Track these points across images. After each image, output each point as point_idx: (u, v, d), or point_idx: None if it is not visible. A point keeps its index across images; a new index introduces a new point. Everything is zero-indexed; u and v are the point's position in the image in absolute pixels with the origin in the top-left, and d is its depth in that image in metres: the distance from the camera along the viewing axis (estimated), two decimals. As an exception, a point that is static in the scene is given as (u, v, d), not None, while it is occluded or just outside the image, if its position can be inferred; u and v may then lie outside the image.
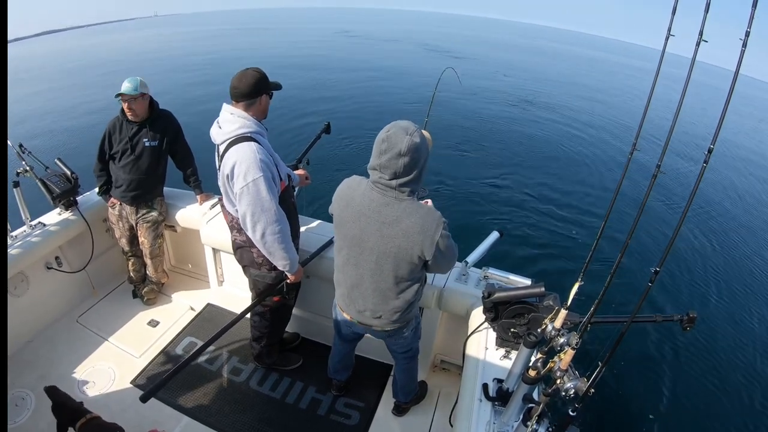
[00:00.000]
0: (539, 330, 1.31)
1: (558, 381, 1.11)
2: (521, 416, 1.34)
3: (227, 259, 2.70)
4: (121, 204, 2.61)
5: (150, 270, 2.80)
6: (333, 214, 1.59)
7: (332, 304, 1.88)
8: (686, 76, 1.14)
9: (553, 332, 1.24)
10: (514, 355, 1.66)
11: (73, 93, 13.61)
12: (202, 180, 2.79)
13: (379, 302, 1.62)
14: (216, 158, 1.88)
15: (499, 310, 1.63)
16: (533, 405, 1.26)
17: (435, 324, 2.33)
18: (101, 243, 2.78)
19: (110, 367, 2.36)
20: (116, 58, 23.29)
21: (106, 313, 2.73)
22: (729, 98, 0.92)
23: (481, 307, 1.79)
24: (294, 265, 1.93)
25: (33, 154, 2.41)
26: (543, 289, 1.54)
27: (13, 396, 2.12)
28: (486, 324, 1.78)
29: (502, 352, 1.75)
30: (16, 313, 2.35)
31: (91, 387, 2.24)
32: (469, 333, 1.90)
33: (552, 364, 1.15)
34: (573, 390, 1.08)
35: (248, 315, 2.07)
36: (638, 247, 5.50)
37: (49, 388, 1.65)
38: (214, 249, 2.68)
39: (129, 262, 2.81)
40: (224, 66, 16.70)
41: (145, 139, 2.49)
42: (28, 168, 2.36)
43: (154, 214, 2.65)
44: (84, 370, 2.33)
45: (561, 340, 1.20)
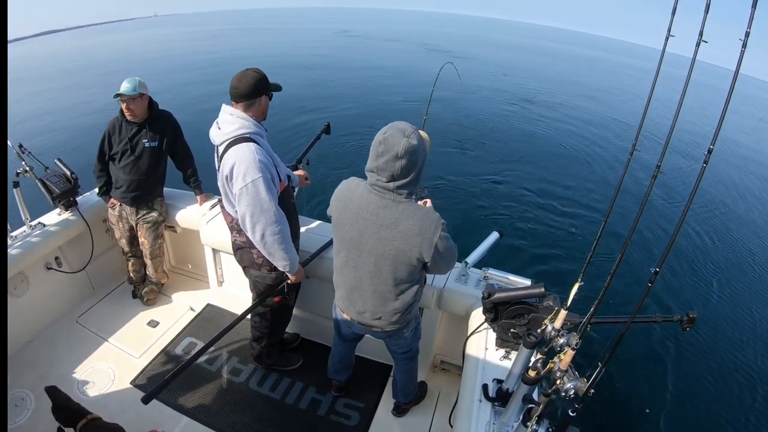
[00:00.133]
0: (539, 330, 1.31)
1: (558, 381, 1.11)
2: (521, 417, 1.34)
3: (227, 260, 2.70)
4: (121, 205, 2.61)
5: (150, 270, 2.80)
6: (331, 215, 1.59)
7: (332, 304, 1.88)
8: (686, 77, 1.14)
9: (553, 333, 1.23)
10: (513, 355, 1.66)
11: (72, 93, 13.63)
12: (201, 180, 2.79)
13: (378, 304, 1.62)
14: (215, 159, 1.88)
15: (499, 311, 1.63)
16: (533, 405, 1.26)
17: (435, 324, 2.33)
18: (101, 243, 2.78)
19: (110, 368, 2.36)
20: (116, 58, 23.31)
21: (105, 314, 2.73)
22: (729, 98, 0.92)
23: (480, 308, 1.79)
24: (294, 266, 1.93)
25: (33, 155, 2.41)
26: (543, 289, 1.54)
27: (12, 396, 2.12)
28: (486, 324, 1.78)
29: (501, 352, 1.75)
30: (16, 314, 2.35)
31: (91, 387, 2.24)
32: (469, 333, 1.89)
33: (552, 365, 1.15)
34: (573, 390, 1.08)
35: (248, 315, 2.07)
36: (638, 247, 5.50)
37: (50, 389, 1.65)
38: (213, 249, 2.67)
39: (129, 263, 2.81)
40: (224, 66, 16.70)
41: (144, 140, 2.49)
42: (27, 168, 2.36)
43: (154, 214, 2.65)
44: (84, 371, 2.33)
45: (561, 340, 1.20)
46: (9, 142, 2.17)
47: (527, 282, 1.97)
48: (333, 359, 2.18)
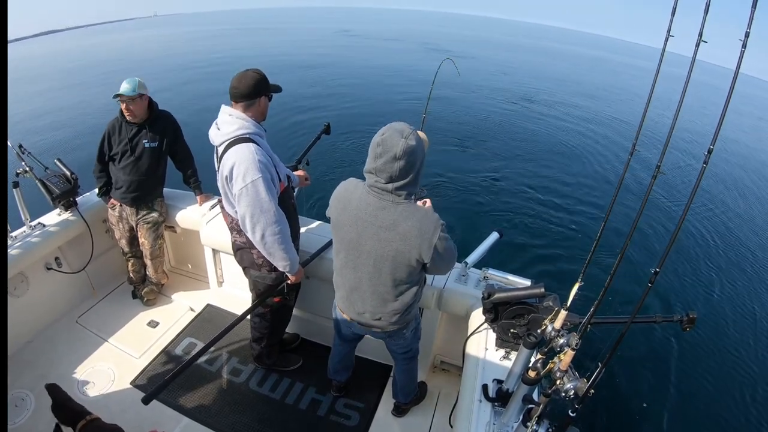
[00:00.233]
0: (539, 331, 1.30)
1: (558, 382, 1.11)
2: (521, 417, 1.34)
3: (227, 260, 2.70)
4: (121, 205, 2.61)
5: (150, 271, 2.80)
6: (330, 217, 1.58)
7: (332, 305, 1.88)
8: (686, 77, 1.14)
9: (553, 333, 1.23)
10: (513, 355, 1.66)
11: (72, 93, 13.62)
12: (201, 181, 2.79)
13: (378, 305, 1.62)
14: (215, 159, 1.88)
15: (499, 311, 1.63)
16: (533, 406, 1.26)
17: (435, 325, 2.33)
18: (101, 243, 2.78)
19: (110, 368, 2.36)
20: (116, 57, 23.31)
21: (105, 314, 2.73)
22: (728, 99, 0.92)
23: (480, 308, 1.78)
24: (294, 266, 1.93)
25: (33, 155, 2.41)
26: (543, 289, 1.54)
27: (12, 396, 2.12)
28: (486, 325, 1.78)
29: (501, 352, 1.75)
30: (15, 314, 2.35)
31: (91, 387, 2.24)
32: (469, 334, 1.89)
33: (552, 365, 1.15)
34: (573, 391, 1.08)
35: (248, 316, 2.07)
36: (639, 247, 5.50)
37: (50, 386, 1.65)
38: (213, 250, 2.67)
39: (129, 263, 2.81)
40: (224, 66, 16.71)
41: (144, 140, 2.49)
42: (27, 168, 2.36)
43: (155, 215, 2.65)
44: (84, 371, 2.33)
45: (561, 340, 1.20)
46: (9, 143, 2.17)
47: (527, 282, 1.97)
48: (333, 359, 2.18)
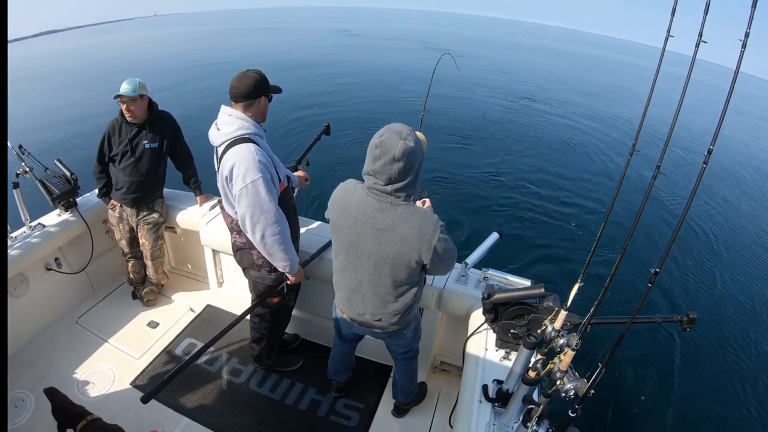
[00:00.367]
0: (539, 331, 1.30)
1: (558, 382, 1.11)
2: (521, 417, 1.34)
3: (227, 261, 2.70)
4: (121, 206, 2.61)
5: (150, 271, 2.80)
6: (329, 218, 1.58)
7: (332, 305, 1.87)
8: (686, 77, 1.14)
9: (553, 333, 1.23)
10: (513, 356, 1.66)
11: (72, 94, 13.62)
12: (201, 181, 2.79)
13: (378, 306, 1.62)
14: (215, 160, 1.87)
15: (499, 311, 1.63)
16: (533, 406, 1.26)
17: (435, 325, 2.33)
18: (101, 244, 2.77)
19: (110, 368, 2.36)
20: (115, 57, 23.31)
21: (105, 314, 2.73)
22: (728, 99, 0.91)
23: (480, 308, 1.78)
24: (294, 267, 1.93)
25: (32, 155, 2.41)
26: (543, 290, 1.54)
27: (12, 397, 2.12)
28: (486, 325, 1.77)
29: (501, 353, 1.75)
30: (15, 314, 2.35)
31: (91, 388, 2.24)
32: (469, 334, 1.89)
33: (552, 365, 1.15)
34: (573, 391, 1.08)
35: (248, 316, 2.07)
36: (639, 247, 5.49)
37: (49, 390, 1.65)
38: (213, 250, 2.67)
39: (129, 264, 2.80)
40: (224, 66, 16.71)
41: (144, 141, 2.49)
42: (27, 169, 2.36)
43: (155, 215, 2.65)
44: (84, 371, 2.33)
45: (561, 341, 1.20)
46: (9, 143, 2.17)
47: (527, 282, 1.97)
48: (333, 360, 2.18)
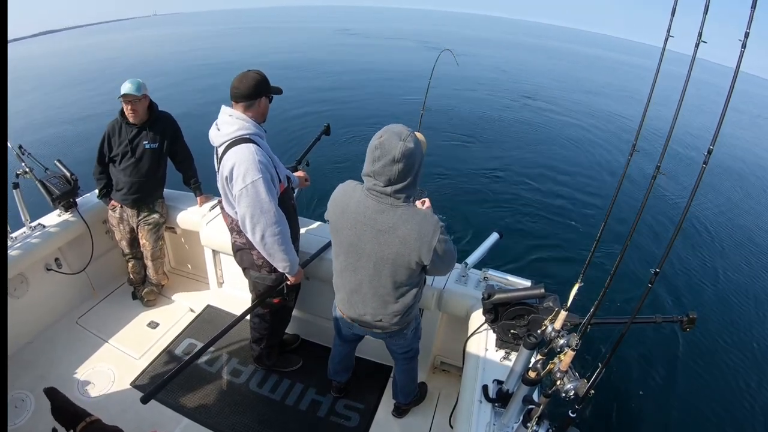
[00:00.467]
0: (539, 331, 1.30)
1: (558, 382, 1.11)
2: (521, 417, 1.34)
3: (227, 261, 2.70)
4: (121, 206, 2.61)
5: (150, 272, 2.80)
6: (329, 220, 1.58)
7: (332, 305, 1.87)
8: (686, 77, 1.14)
9: (553, 333, 1.23)
10: (514, 356, 1.65)
11: (72, 94, 13.62)
12: (201, 181, 2.79)
13: (378, 306, 1.62)
14: (215, 160, 1.87)
15: (499, 312, 1.62)
16: (533, 406, 1.26)
17: (435, 325, 2.32)
18: (101, 244, 2.77)
19: (110, 369, 2.36)
20: (115, 57, 23.31)
21: (105, 315, 2.73)
22: (728, 99, 0.91)
23: (480, 309, 1.78)
24: (294, 267, 1.93)
25: (33, 156, 2.41)
26: (543, 290, 1.54)
27: (12, 397, 2.12)
28: (486, 325, 1.77)
29: (502, 353, 1.75)
30: (15, 315, 2.35)
31: (91, 388, 2.24)
32: (469, 334, 1.89)
33: (552, 366, 1.15)
34: (573, 391, 1.08)
35: (248, 316, 2.07)
36: (639, 247, 5.49)
37: (48, 390, 1.65)
38: (213, 251, 2.67)
39: (129, 264, 2.80)
40: (224, 65, 16.71)
41: (145, 142, 2.49)
42: (27, 169, 2.36)
43: (156, 216, 2.65)
44: (84, 372, 2.33)
45: (561, 341, 1.20)
46: (9, 144, 2.17)
47: (527, 283, 1.97)
48: (333, 360, 2.18)
